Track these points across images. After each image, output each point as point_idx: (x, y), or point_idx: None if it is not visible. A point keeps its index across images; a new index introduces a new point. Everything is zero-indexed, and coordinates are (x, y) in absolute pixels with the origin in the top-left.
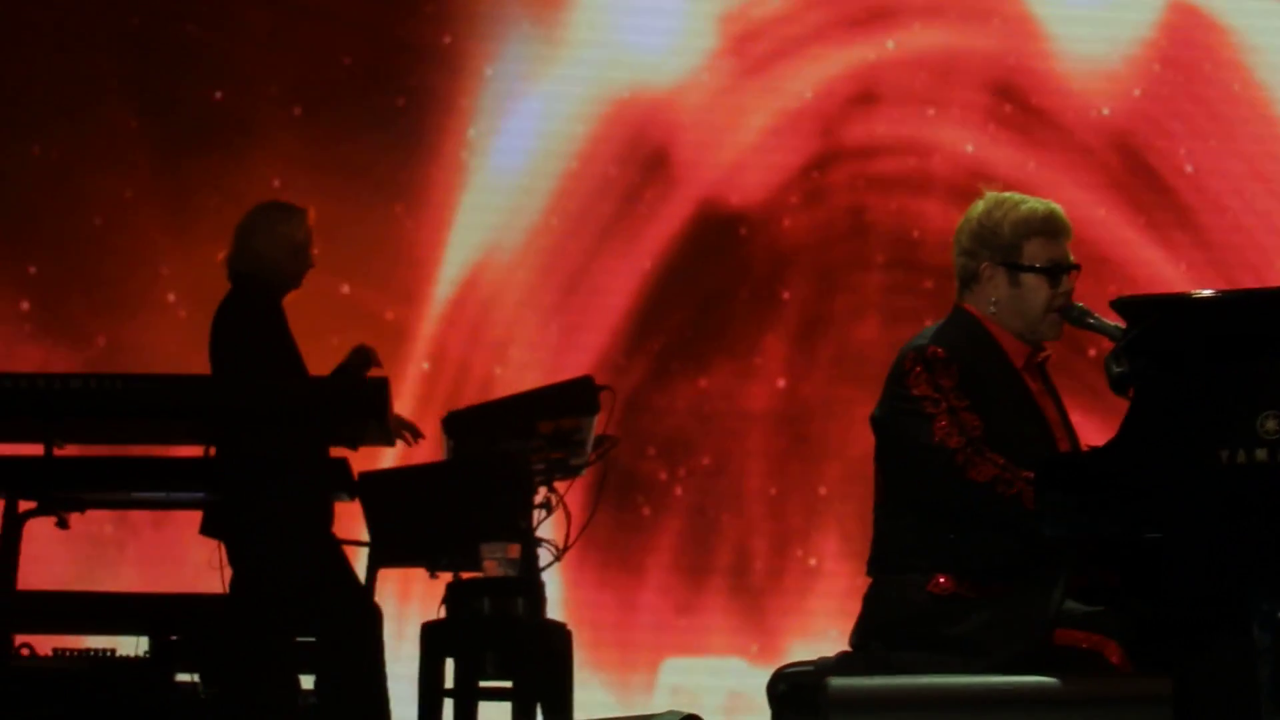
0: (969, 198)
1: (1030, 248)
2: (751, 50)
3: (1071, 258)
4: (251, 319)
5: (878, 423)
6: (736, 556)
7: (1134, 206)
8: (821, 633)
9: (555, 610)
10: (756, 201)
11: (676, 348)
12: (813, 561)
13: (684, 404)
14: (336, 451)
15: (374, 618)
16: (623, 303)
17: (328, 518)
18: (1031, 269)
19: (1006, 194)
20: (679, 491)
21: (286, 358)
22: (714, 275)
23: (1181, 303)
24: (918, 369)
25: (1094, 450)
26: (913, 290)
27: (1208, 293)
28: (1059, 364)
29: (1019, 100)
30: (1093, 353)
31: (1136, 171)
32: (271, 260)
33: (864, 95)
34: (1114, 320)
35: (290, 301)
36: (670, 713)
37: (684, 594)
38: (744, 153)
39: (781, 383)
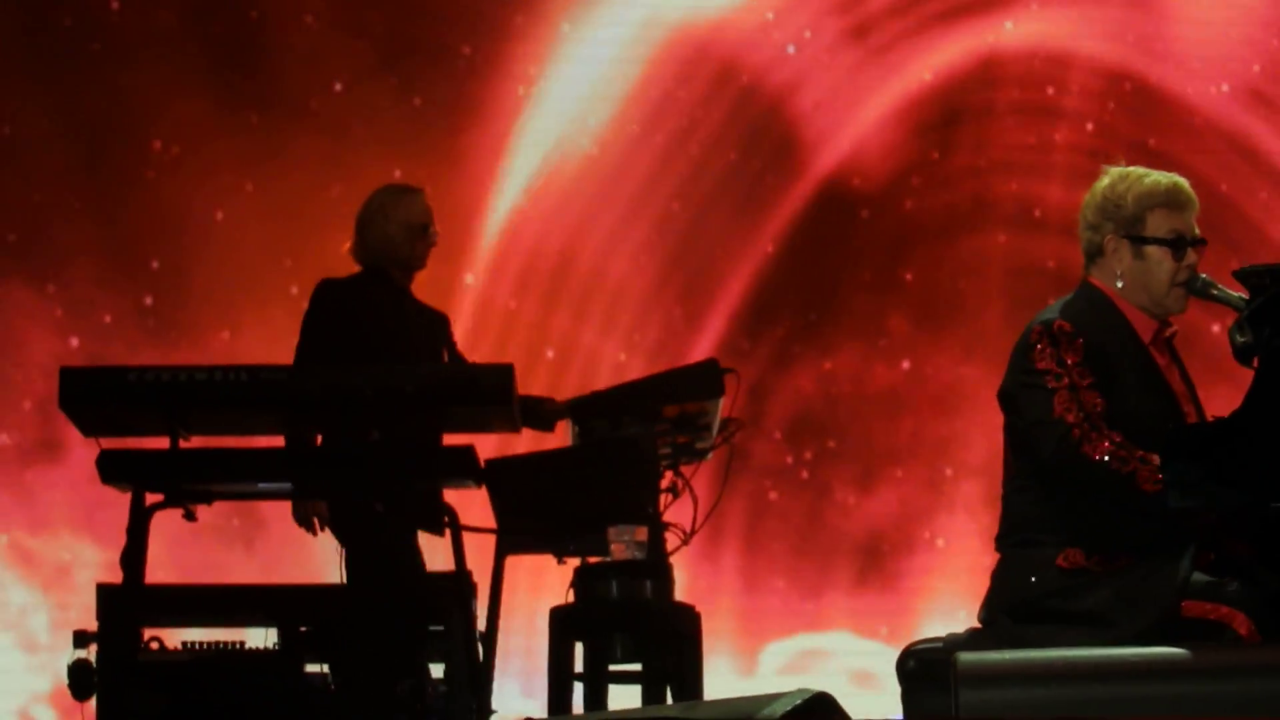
0: (1089, 176)
1: (1154, 219)
2: (870, 33)
3: (1197, 231)
4: (375, 307)
5: (1003, 396)
6: (864, 538)
7: (1253, 182)
8: (950, 612)
9: (683, 593)
10: (878, 183)
11: (800, 331)
12: (940, 542)
13: (809, 387)
14: (462, 438)
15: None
16: (745, 286)
17: None
18: (1155, 240)
19: (1130, 168)
20: (805, 475)
21: (376, 341)
22: (836, 258)
23: None
24: (1043, 343)
25: (1220, 421)
26: (1035, 270)
27: None
28: (1186, 338)
29: (1138, 78)
30: (1216, 328)
31: (1256, 147)
32: (391, 243)
33: (983, 76)
34: (1238, 291)
35: (415, 290)
36: (800, 690)
37: (811, 576)
38: (865, 135)
39: (906, 364)
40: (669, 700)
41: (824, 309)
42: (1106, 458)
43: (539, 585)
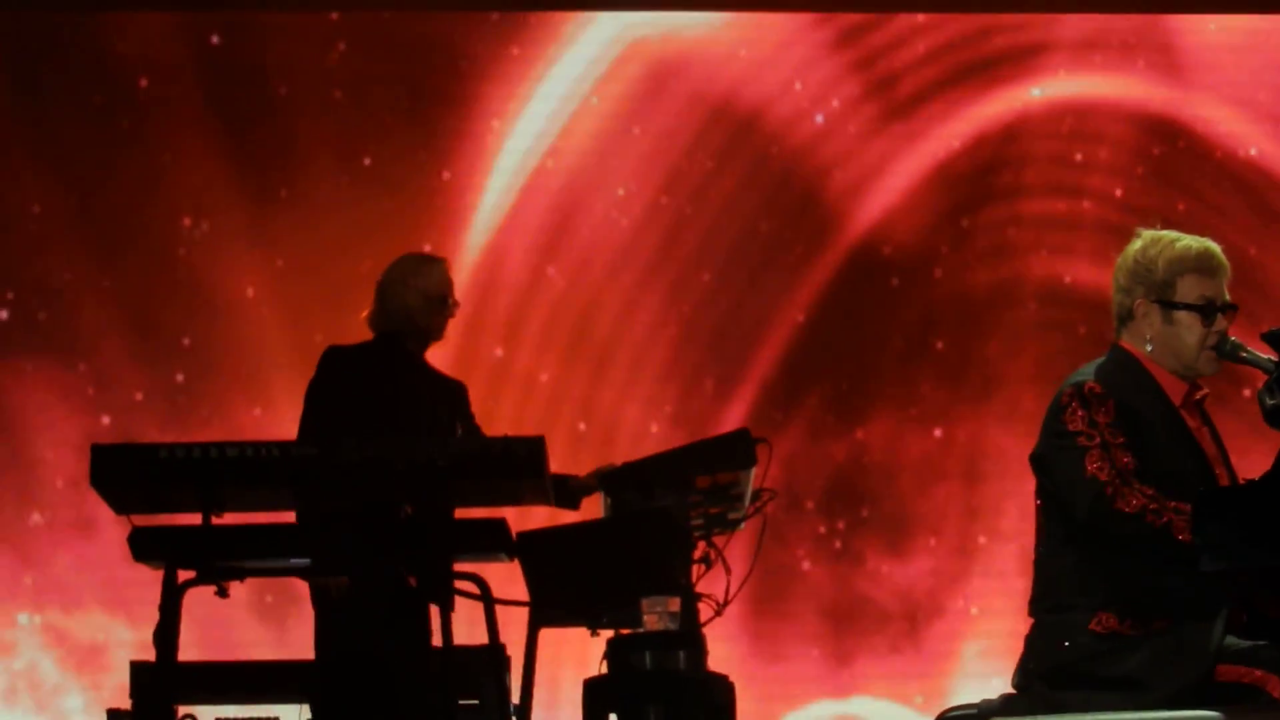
0: (1119, 240)
1: (1184, 285)
2: (898, 101)
3: (1228, 296)
4: (387, 375)
5: (1036, 459)
6: (897, 606)
7: None
8: (984, 678)
9: (717, 663)
10: (908, 251)
11: (831, 400)
12: (975, 610)
13: (841, 456)
14: (494, 511)
15: None
16: (776, 355)
17: None
18: (1185, 306)
19: (1163, 232)
20: (838, 544)
21: (370, 412)
22: (866, 325)
23: None
24: (1074, 404)
25: (1251, 482)
26: (1067, 335)
27: None
28: (1218, 399)
29: (1167, 141)
30: (1247, 393)
31: None
32: (409, 313)
33: (1012, 142)
34: (1267, 354)
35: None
36: None
37: (845, 644)
38: (894, 203)
39: (938, 432)
40: None
41: (855, 378)
42: (1140, 511)
43: (572, 657)
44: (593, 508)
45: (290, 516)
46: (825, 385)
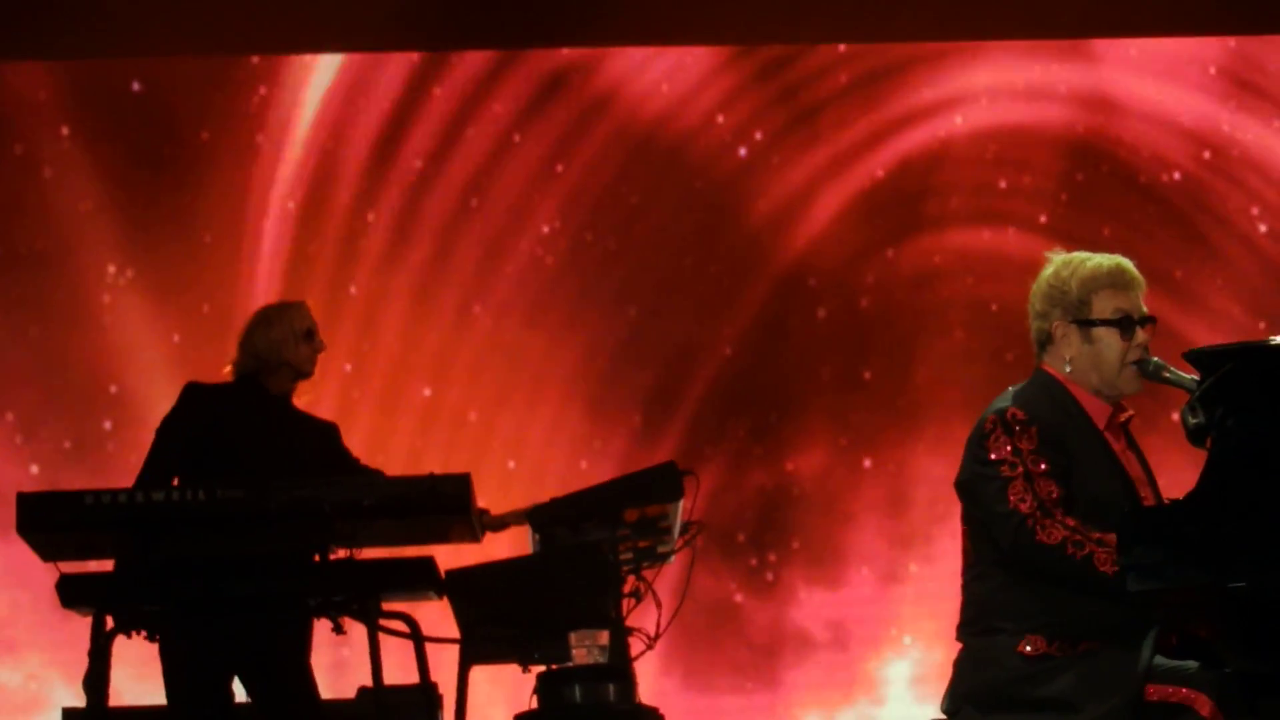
0: (1043, 267)
1: (1099, 301)
2: (821, 132)
3: (1145, 310)
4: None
5: (960, 486)
6: (830, 637)
7: (1209, 268)
8: (918, 703)
9: (649, 697)
10: (833, 281)
11: (761, 432)
12: (907, 639)
13: (771, 487)
14: (422, 550)
15: None
16: (704, 388)
17: None
18: (1102, 322)
19: (1074, 254)
20: (770, 576)
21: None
22: (794, 356)
23: (1253, 350)
24: (997, 432)
25: (1175, 503)
26: (995, 363)
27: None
28: (1145, 422)
29: (1090, 166)
30: (1175, 416)
31: (1209, 234)
32: (276, 346)
33: (935, 170)
34: (1190, 373)
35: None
36: None
37: (778, 675)
38: (819, 234)
39: (868, 462)
40: None
41: (784, 409)
42: (1061, 544)
43: (503, 694)
44: (521, 544)
45: None
46: (754, 417)
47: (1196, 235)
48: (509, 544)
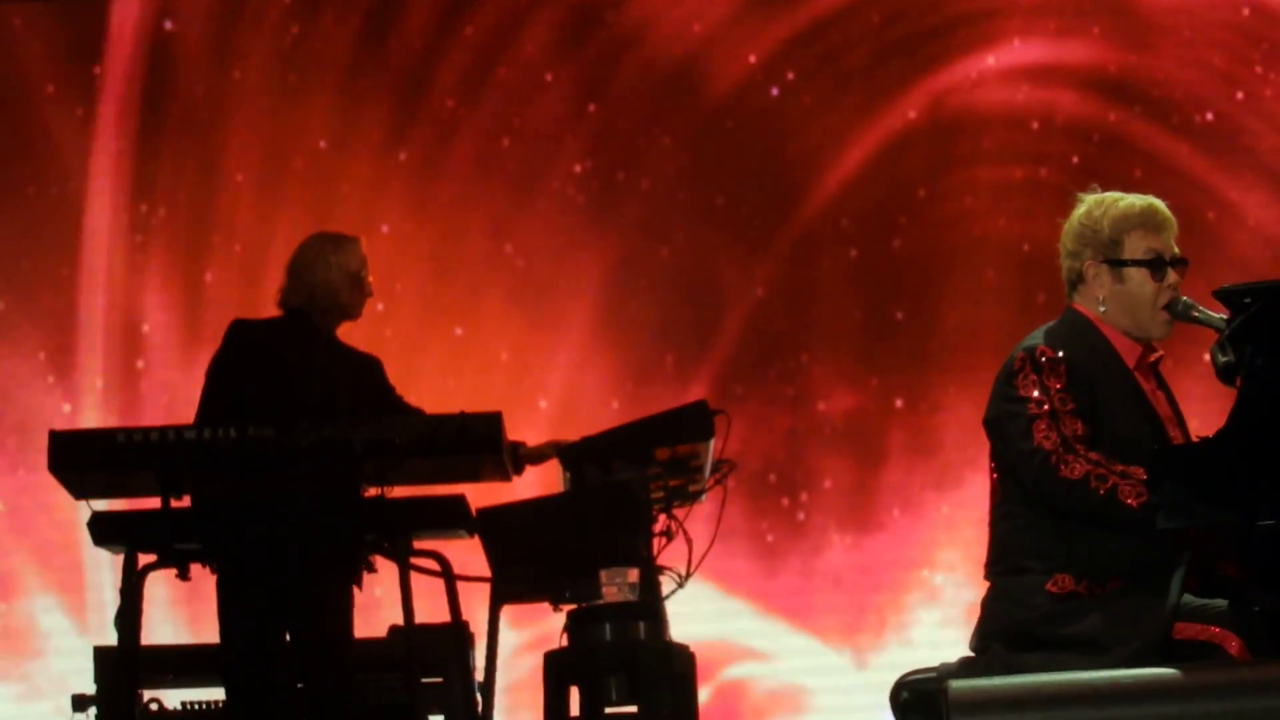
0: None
1: (1131, 241)
2: (853, 73)
3: (1176, 251)
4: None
5: (988, 424)
6: (861, 578)
7: (1241, 210)
8: (952, 645)
9: (680, 634)
10: (865, 221)
11: (793, 372)
12: (939, 579)
13: (803, 428)
14: (454, 488)
15: None
16: (737, 330)
17: None
18: (1134, 262)
19: (1106, 194)
20: (801, 516)
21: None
22: (826, 298)
23: None
24: (1025, 370)
25: (1205, 440)
26: (1026, 305)
27: None
28: (1177, 362)
29: (1123, 107)
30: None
31: (1241, 174)
32: (332, 290)
33: (967, 110)
34: (1220, 312)
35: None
36: None
37: (809, 615)
38: (851, 175)
39: (899, 403)
40: None
41: (816, 350)
42: (1085, 478)
43: (533, 633)
44: (552, 482)
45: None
46: (786, 357)
47: (1230, 176)
48: (540, 483)
